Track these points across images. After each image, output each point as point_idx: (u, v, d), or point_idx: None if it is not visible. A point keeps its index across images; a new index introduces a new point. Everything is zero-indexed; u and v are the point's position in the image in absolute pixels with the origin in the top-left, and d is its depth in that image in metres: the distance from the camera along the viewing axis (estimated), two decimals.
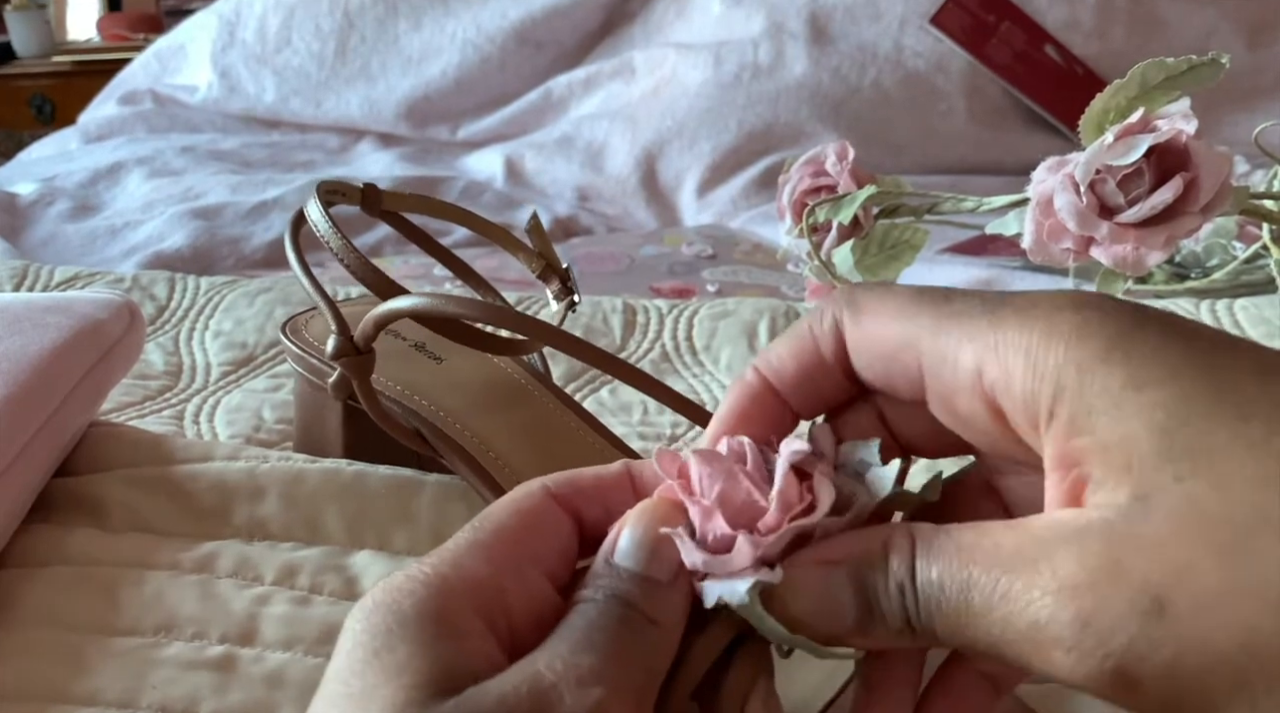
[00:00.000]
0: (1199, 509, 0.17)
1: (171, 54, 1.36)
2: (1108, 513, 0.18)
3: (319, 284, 0.39)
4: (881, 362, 0.22)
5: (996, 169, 1.00)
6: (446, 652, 0.19)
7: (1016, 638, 0.18)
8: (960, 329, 0.20)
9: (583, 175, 1.07)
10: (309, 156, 1.18)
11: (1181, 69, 0.44)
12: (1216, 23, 1.09)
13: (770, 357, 0.23)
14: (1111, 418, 0.18)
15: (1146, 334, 0.18)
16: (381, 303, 0.36)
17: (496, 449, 0.39)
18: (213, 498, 0.41)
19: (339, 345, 0.37)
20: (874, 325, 0.22)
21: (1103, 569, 0.17)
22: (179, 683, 0.34)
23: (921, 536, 0.20)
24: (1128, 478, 0.18)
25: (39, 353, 0.41)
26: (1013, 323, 0.19)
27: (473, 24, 1.21)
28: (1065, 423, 0.18)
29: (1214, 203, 0.44)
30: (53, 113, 1.95)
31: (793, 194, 0.59)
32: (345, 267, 0.37)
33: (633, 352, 0.58)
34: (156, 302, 0.63)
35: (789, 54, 1.07)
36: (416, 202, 0.47)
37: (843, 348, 0.22)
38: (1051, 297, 0.20)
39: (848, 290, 0.22)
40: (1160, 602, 0.16)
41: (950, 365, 0.20)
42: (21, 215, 0.98)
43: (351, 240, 0.37)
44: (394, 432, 0.40)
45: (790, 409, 0.23)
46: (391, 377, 0.42)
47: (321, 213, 0.39)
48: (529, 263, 0.47)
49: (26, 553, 0.39)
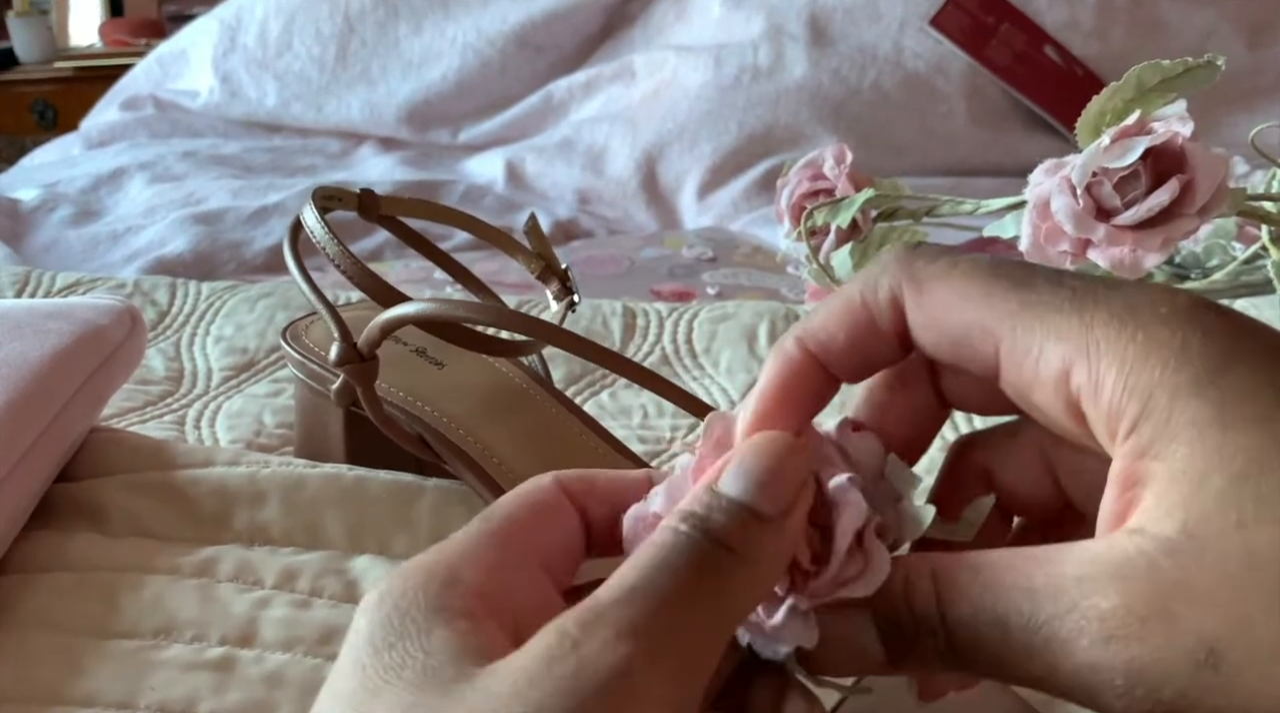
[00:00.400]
0: (1257, 559, 0.16)
1: (173, 59, 1.37)
2: (1150, 547, 0.17)
3: (319, 291, 0.39)
4: (950, 343, 0.21)
5: (997, 170, 1.00)
6: (456, 638, 0.18)
7: (1064, 681, 0.18)
8: (1046, 324, 0.19)
9: (583, 178, 1.08)
10: (310, 161, 1.18)
11: (1177, 71, 0.44)
12: (1216, 23, 1.09)
13: (814, 328, 0.22)
14: (1190, 451, 0.17)
15: (1244, 366, 0.18)
16: (380, 309, 0.36)
17: (500, 455, 0.39)
18: (213, 503, 0.41)
19: (342, 352, 0.37)
20: (942, 306, 0.20)
21: (1153, 618, 0.17)
22: (178, 684, 0.34)
23: (944, 572, 0.19)
24: (1181, 512, 0.17)
25: (40, 359, 0.42)
26: (1108, 328, 0.19)
27: (473, 28, 1.22)
28: (1144, 443, 0.18)
29: (1211, 204, 0.44)
30: (55, 118, 1.96)
31: (791, 197, 0.59)
32: (343, 273, 0.37)
33: (633, 355, 0.58)
34: (158, 307, 0.63)
35: (789, 56, 1.07)
36: (414, 206, 0.47)
37: (902, 320, 0.21)
38: (1150, 301, 0.19)
39: (905, 260, 0.21)
40: (1215, 654, 0.16)
41: (1033, 360, 0.19)
42: (24, 221, 0.98)
43: (352, 245, 0.38)
44: (398, 438, 0.40)
45: (834, 383, 0.22)
46: (393, 383, 0.42)
47: (318, 219, 0.39)
48: (528, 264, 0.47)
49: (27, 558, 0.39)
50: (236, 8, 1.31)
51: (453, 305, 0.34)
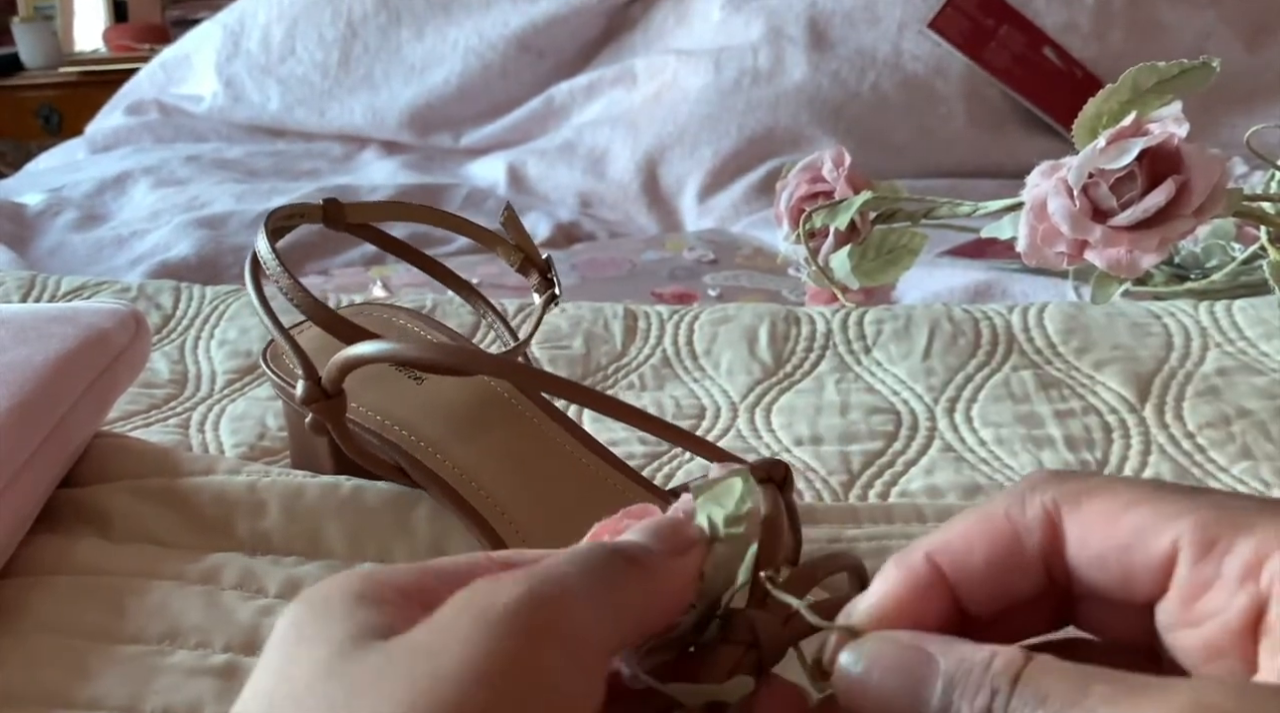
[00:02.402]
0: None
1: (177, 64, 1.37)
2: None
3: (282, 326, 0.38)
4: (1117, 549, 0.19)
5: (996, 172, 1.00)
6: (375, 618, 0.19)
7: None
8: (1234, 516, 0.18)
9: (584, 182, 1.08)
10: (313, 165, 1.18)
11: (1173, 73, 0.44)
12: (1215, 25, 1.09)
13: (950, 543, 0.20)
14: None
15: None
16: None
17: (478, 478, 0.39)
18: (216, 511, 0.41)
19: (307, 391, 0.36)
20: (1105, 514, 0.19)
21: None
22: (182, 689, 0.34)
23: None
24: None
25: (45, 363, 0.42)
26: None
27: (475, 32, 1.22)
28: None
29: (1207, 205, 0.44)
30: (59, 123, 1.96)
31: (790, 200, 0.59)
32: (296, 306, 0.36)
33: (634, 357, 0.58)
34: (162, 311, 0.64)
35: (788, 59, 1.08)
36: (384, 210, 0.46)
37: (1052, 541, 0.20)
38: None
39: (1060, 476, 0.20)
40: None
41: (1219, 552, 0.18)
42: (29, 226, 0.99)
43: (350, 250, 0.38)
44: (375, 467, 0.39)
45: (957, 615, 0.20)
46: (369, 405, 0.41)
47: (269, 250, 0.38)
48: (508, 257, 0.45)
49: (32, 563, 0.40)
50: (240, 13, 1.32)
51: (406, 346, 0.34)
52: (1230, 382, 0.52)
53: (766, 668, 0.21)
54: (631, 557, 0.21)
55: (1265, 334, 0.55)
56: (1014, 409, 0.51)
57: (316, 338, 0.41)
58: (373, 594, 0.20)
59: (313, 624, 0.19)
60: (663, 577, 0.21)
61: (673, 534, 0.22)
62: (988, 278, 0.75)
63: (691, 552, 0.22)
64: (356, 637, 0.18)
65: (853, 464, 0.48)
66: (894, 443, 0.49)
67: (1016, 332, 0.56)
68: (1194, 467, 0.47)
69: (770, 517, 0.22)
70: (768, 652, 0.21)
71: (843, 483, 0.47)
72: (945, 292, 0.74)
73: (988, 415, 0.51)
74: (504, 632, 0.18)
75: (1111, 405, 0.51)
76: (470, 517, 0.38)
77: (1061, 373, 0.53)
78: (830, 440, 0.50)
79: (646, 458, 0.49)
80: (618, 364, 0.58)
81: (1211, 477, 0.46)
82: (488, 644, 0.17)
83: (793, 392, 0.54)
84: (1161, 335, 0.55)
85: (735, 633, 0.21)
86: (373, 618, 0.19)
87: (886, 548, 0.37)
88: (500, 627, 0.18)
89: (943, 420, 0.51)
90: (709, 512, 0.23)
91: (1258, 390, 0.51)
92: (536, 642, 0.18)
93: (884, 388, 0.54)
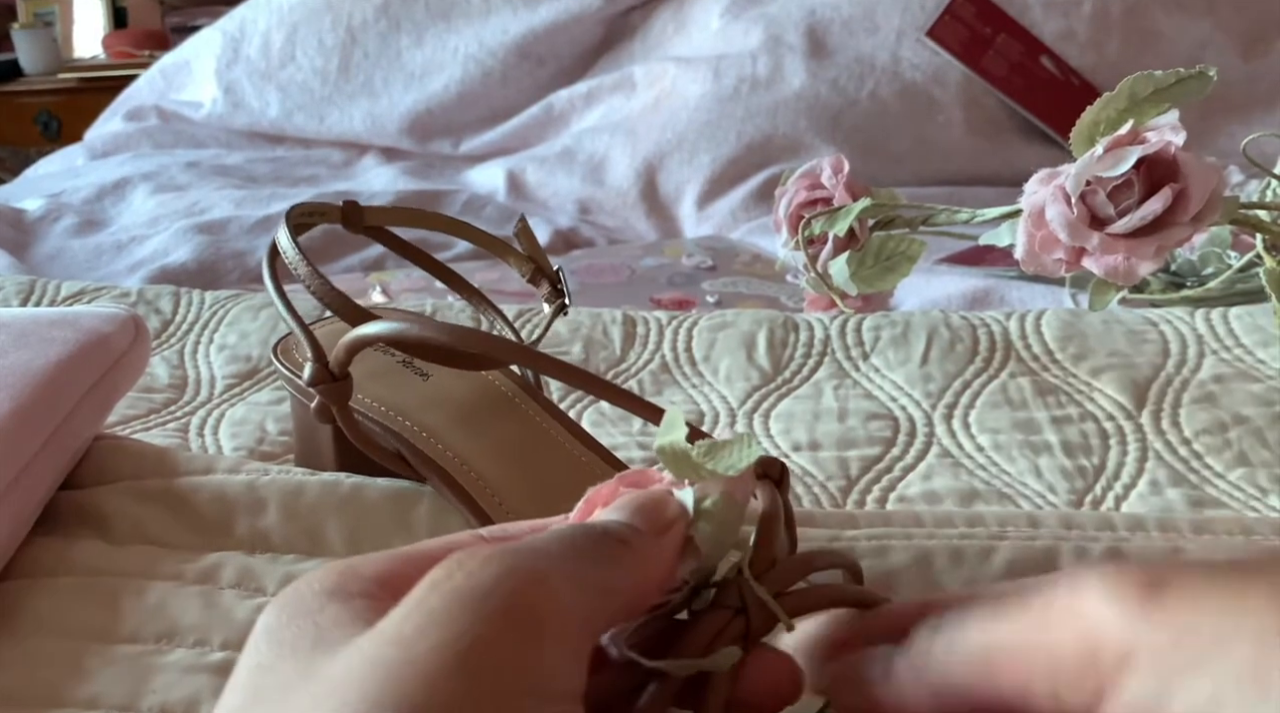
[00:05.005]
0: None
1: (176, 70, 1.38)
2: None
3: (295, 311, 0.39)
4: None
5: (994, 180, 1.01)
6: (349, 611, 0.19)
7: None
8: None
9: (584, 188, 1.08)
10: (313, 171, 1.19)
11: (1170, 82, 0.45)
12: (1211, 34, 1.09)
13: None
14: None
15: None
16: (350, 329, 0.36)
17: (478, 469, 0.39)
18: (215, 510, 0.41)
19: (314, 373, 0.37)
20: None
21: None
22: (179, 687, 0.34)
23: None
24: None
25: (45, 367, 0.42)
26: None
27: (474, 39, 1.23)
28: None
29: (1204, 213, 0.44)
30: (59, 129, 1.97)
31: (789, 207, 0.59)
32: (312, 293, 0.36)
33: (633, 363, 0.59)
34: (162, 316, 0.64)
35: (787, 67, 1.08)
36: (400, 214, 0.47)
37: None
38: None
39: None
40: None
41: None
42: (28, 231, 0.99)
43: (352, 255, 0.38)
44: (376, 455, 0.40)
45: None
46: (374, 396, 0.42)
47: (290, 241, 0.38)
48: (519, 267, 0.46)
49: (32, 564, 0.40)
50: (240, 19, 1.32)
51: (414, 325, 0.34)
52: (1227, 388, 0.52)
53: (754, 639, 0.21)
54: (614, 535, 0.20)
55: (1261, 341, 0.55)
56: (1011, 416, 0.51)
57: (327, 337, 0.42)
58: (345, 588, 0.19)
59: (284, 629, 0.19)
60: (645, 556, 0.21)
61: (655, 511, 0.22)
62: (985, 285, 0.75)
63: (673, 529, 0.22)
64: (329, 635, 0.18)
65: (851, 470, 0.48)
66: (892, 449, 0.50)
67: (1014, 338, 0.56)
68: (1190, 473, 0.47)
69: (767, 513, 0.22)
70: (755, 622, 0.21)
71: (841, 489, 0.47)
72: (943, 298, 0.75)
73: (985, 422, 0.51)
74: (482, 615, 0.17)
75: (1109, 412, 0.51)
76: (467, 505, 0.38)
77: (1059, 380, 0.54)
78: (828, 446, 0.50)
79: (646, 463, 0.49)
80: (616, 370, 0.58)
81: (1208, 483, 0.46)
82: (464, 628, 0.17)
83: (791, 398, 0.54)
84: (1158, 342, 0.55)
85: (723, 601, 0.21)
86: (344, 613, 0.19)
87: (887, 547, 0.37)
88: (477, 609, 0.17)
89: (940, 427, 0.51)
90: (704, 474, 0.23)
91: (1254, 397, 0.51)
92: (516, 625, 0.17)
93: (882, 394, 0.54)
